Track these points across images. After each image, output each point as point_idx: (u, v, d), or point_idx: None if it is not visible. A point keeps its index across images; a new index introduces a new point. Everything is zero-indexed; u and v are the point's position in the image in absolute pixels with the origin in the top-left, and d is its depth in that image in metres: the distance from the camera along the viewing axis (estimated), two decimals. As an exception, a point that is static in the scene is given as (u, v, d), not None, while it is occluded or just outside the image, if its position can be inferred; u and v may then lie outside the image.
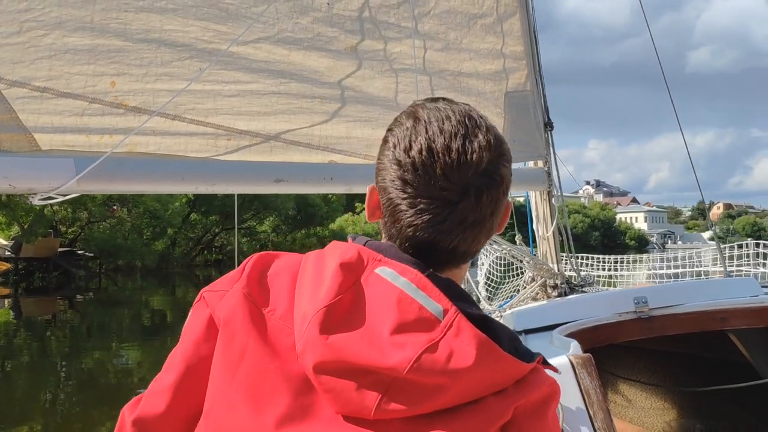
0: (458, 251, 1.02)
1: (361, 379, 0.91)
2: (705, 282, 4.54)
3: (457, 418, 0.91)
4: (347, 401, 0.91)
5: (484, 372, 0.91)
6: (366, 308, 0.94)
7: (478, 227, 1.00)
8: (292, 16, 2.65)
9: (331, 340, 0.91)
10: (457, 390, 0.90)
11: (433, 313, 0.93)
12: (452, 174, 0.96)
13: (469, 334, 0.91)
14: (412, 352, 0.89)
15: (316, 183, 2.81)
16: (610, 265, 5.83)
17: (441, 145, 0.97)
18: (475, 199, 0.97)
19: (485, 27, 3.30)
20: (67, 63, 2.30)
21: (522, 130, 3.61)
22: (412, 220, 0.99)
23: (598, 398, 1.93)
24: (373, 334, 0.92)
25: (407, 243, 1.01)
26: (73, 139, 2.29)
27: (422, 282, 0.95)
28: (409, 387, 0.90)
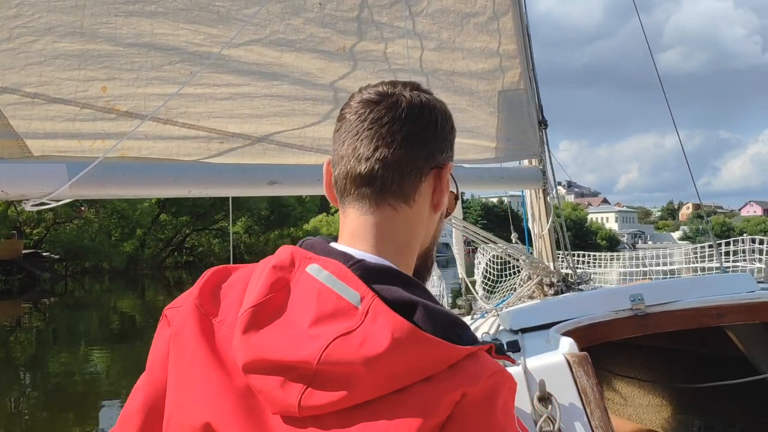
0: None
1: (284, 376, 0.90)
2: (701, 278, 4.55)
3: (386, 407, 0.87)
4: (275, 400, 0.91)
5: (403, 357, 0.87)
6: (291, 305, 0.94)
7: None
8: (284, 17, 2.64)
9: (252, 339, 0.92)
10: (375, 378, 0.87)
11: (350, 301, 0.92)
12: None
13: (385, 319, 0.89)
14: (324, 342, 0.88)
15: (311, 185, 2.80)
16: (606, 262, 5.84)
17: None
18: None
19: (478, 26, 3.29)
20: (58, 68, 2.29)
21: (516, 129, 3.60)
22: None
23: (595, 396, 1.93)
24: (293, 330, 0.92)
25: None
26: (65, 145, 2.29)
27: (342, 272, 0.94)
28: (327, 379, 0.88)
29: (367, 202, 1.02)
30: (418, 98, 1.04)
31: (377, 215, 1.02)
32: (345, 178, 1.03)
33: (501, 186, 3.95)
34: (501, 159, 3.61)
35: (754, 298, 2.78)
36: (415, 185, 1.03)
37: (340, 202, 1.06)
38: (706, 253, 5.42)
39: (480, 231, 3.80)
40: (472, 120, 3.37)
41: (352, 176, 1.02)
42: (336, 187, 1.06)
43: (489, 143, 3.48)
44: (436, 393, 0.87)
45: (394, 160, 1.01)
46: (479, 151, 3.46)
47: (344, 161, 1.03)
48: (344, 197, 1.04)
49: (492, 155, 3.53)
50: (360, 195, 1.02)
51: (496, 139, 3.50)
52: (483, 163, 3.53)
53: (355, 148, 1.02)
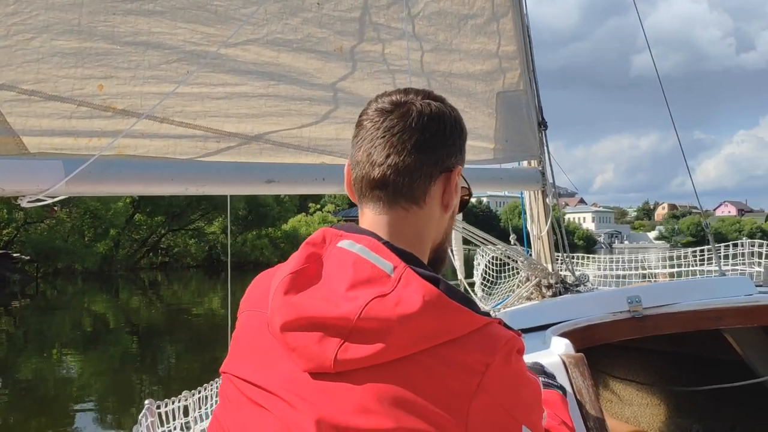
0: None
1: (321, 332, 1.00)
2: (699, 281, 4.54)
3: (415, 364, 0.97)
4: (310, 356, 1.00)
5: (432, 317, 0.98)
6: (326, 273, 1.06)
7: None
8: (281, 17, 2.64)
9: (293, 299, 1.03)
10: (407, 334, 0.97)
11: (384, 270, 1.03)
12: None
13: (417, 285, 1.00)
14: (363, 301, 0.99)
15: (309, 183, 2.81)
16: (605, 264, 5.84)
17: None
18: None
19: (476, 27, 3.30)
20: (55, 66, 2.29)
21: (515, 130, 3.60)
22: None
23: (591, 397, 1.93)
24: (330, 292, 1.02)
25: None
26: (62, 142, 2.29)
27: (375, 245, 1.07)
28: (363, 334, 0.98)
29: (381, 204, 1.14)
30: (428, 107, 1.15)
31: (390, 215, 1.14)
32: (361, 181, 1.15)
33: (500, 187, 3.95)
34: (500, 160, 3.61)
35: (752, 302, 2.77)
36: (425, 188, 1.14)
37: (359, 201, 1.18)
38: (705, 256, 5.41)
39: (479, 232, 3.79)
40: (471, 121, 3.37)
41: (368, 180, 1.14)
42: (354, 188, 1.18)
43: (487, 144, 3.48)
44: (460, 354, 0.98)
45: (405, 166, 1.12)
46: (478, 152, 3.46)
47: (360, 166, 1.15)
48: (361, 198, 1.16)
49: (491, 156, 3.53)
50: (374, 197, 1.14)
51: (495, 140, 3.50)
52: (482, 164, 3.53)
53: (370, 154, 1.13)
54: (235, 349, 1.15)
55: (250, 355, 1.10)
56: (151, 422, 2.29)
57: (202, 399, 2.49)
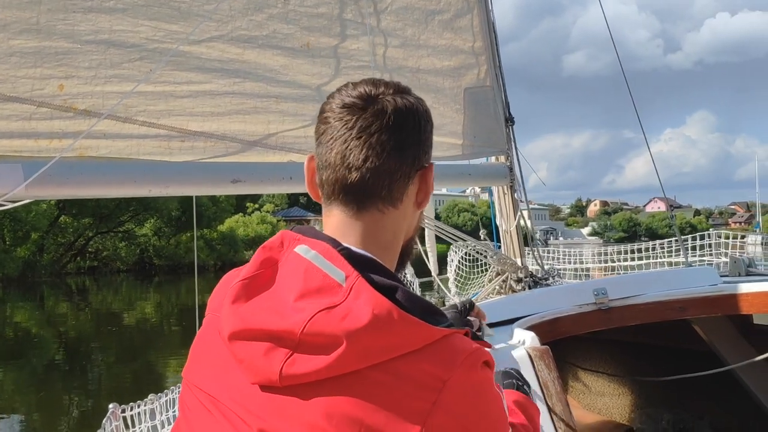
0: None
1: (268, 344, 0.95)
2: (664, 272, 4.62)
3: (365, 379, 0.92)
4: (257, 369, 0.96)
5: (381, 332, 0.92)
6: (279, 281, 1.01)
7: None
8: (246, 13, 2.60)
9: (241, 308, 0.98)
10: (355, 349, 0.92)
11: (336, 279, 0.98)
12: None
13: (368, 295, 0.95)
14: (308, 314, 0.94)
15: (276, 182, 2.77)
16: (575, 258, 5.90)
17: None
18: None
19: (442, 23, 3.29)
20: (13, 66, 2.23)
21: (482, 126, 3.61)
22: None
23: (557, 390, 1.94)
24: (279, 302, 0.98)
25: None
26: (21, 144, 2.23)
27: (329, 252, 1.01)
28: (309, 350, 0.93)
29: (354, 207, 1.07)
30: (402, 103, 1.08)
31: (365, 218, 1.07)
32: (333, 184, 1.07)
33: (468, 183, 3.97)
34: (468, 156, 3.61)
35: (716, 291, 2.81)
36: (403, 189, 1.08)
37: (326, 202, 1.10)
38: (673, 248, 5.50)
39: (450, 228, 3.80)
40: (439, 117, 3.37)
41: (343, 184, 1.06)
42: (322, 189, 1.10)
43: (455, 140, 3.48)
44: (413, 369, 0.92)
45: (385, 169, 1.05)
46: (446, 149, 3.46)
47: (332, 168, 1.07)
48: (331, 200, 1.09)
49: (459, 152, 3.53)
50: (348, 200, 1.07)
51: (463, 136, 3.50)
52: (450, 159, 3.54)
53: (345, 156, 1.05)
54: (193, 354, 1.11)
55: (206, 362, 1.07)
56: (115, 426, 2.25)
57: (169, 402, 2.45)
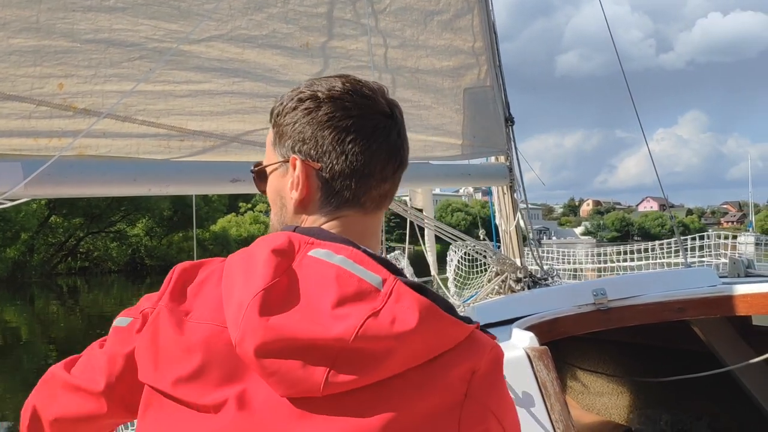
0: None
1: (307, 355, 0.91)
2: (663, 273, 4.62)
3: (404, 381, 0.92)
4: (294, 381, 0.91)
5: (428, 333, 0.93)
6: (304, 288, 0.95)
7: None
8: (246, 12, 2.60)
9: (272, 321, 0.92)
10: (403, 353, 0.92)
11: (372, 284, 0.95)
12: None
13: (410, 298, 0.94)
14: (357, 320, 0.91)
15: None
16: (575, 258, 5.89)
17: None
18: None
19: (441, 24, 3.29)
20: (13, 65, 2.23)
21: (482, 126, 3.61)
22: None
23: (555, 390, 1.94)
24: (314, 311, 0.93)
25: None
26: (21, 143, 2.23)
27: (359, 257, 0.98)
28: (356, 356, 0.91)
29: (370, 210, 1.09)
30: (401, 110, 1.12)
31: (375, 219, 1.11)
32: (361, 190, 1.07)
33: (468, 183, 3.97)
34: (467, 156, 3.61)
35: (715, 292, 2.81)
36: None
37: (334, 203, 1.08)
38: (673, 248, 5.49)
39: (449, 228, 3.81)
40: (438, 117, 3.37)
41: (373, 195, 1.08)
42: (334, 191, 1.08)
43: (455, 140, 3.48)
44: (449, 366, 0.94)
45: (401, 177, 1.12)
46: (445, 149, 3.47)
47: (360, 176, 1.06)
48: (343, 204, 1.07)
49: (459, 152, 3.54)
50: (366, 204, 1.08)
51: (463, 136, 3.50)
52: (450, 159, 3.54)
53: (372, 164, 1.06)
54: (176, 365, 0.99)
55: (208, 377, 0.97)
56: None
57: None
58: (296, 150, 1.08)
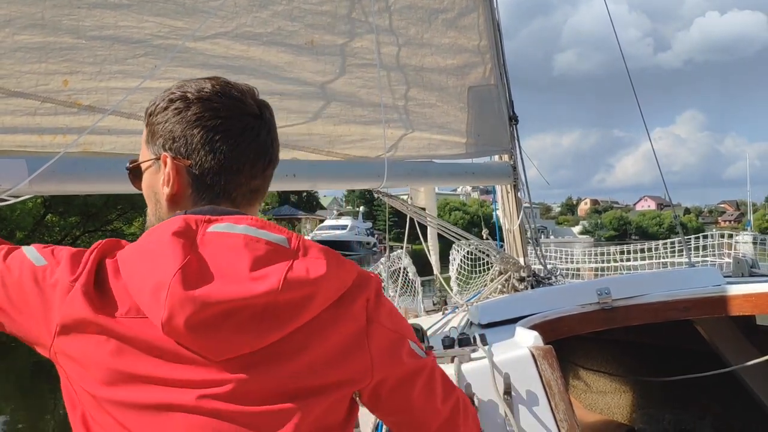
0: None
1: (236, 317, 1.00)
2: (668, 272, 4.61)
3: (322, 321, 1.07)
4: (228, 344, 1.01)
5: (335, 276, 1.09)
6: (217, 261, 1.04)
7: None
8: (251, 9, 2.60)
9: (198, 292, 0.99)
10: (320, 296, 1.06)
11: (279, 243, 1.08)
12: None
13: (315, 250, 1.10)
14: (277, 276, 1.03)
15: (279, 180, 2.77)
16: (578, 257, 5.87)
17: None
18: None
19: (446, 22, 3.29)
20: (18, 61, 2.23)
21: (486, 125, 3.61)
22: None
23: (559, 389, 1.94)
24: (234, 277, 1.02)
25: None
26: (25, 140, 2.23)
27: (260, 222, 1.10)
28: (282, 307, 1.03)
29: (242, 204, 1.19)
30: (271, 111, 1.25)
31: (248, 213, 1.19)
32: (231, 186, 1.17)
33: (472, 181, 3.96)
34: (471, 154, 3.61)
35: (719, 292, 2.81)
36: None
37: (206, 198, 1.16)
38: (676, 248, 5.48)
39: (452, 227, 3.80)
40: (443, 116, 3.37)
41: (243, 191, 1.18)
42: (205, 186, 1.16)
43: (459, 139, 3.48)
44: (351, 301, 1.12)
45: (272, 174, 1.25)
46: (450, 147, 3.46)
47: (230, 173, 1.16)
48: (215, 198, 1.16)
49: (462, 151, 3.53)
50: (236, 199, 1.18)
51: (467, 134, 3.50)
52: (454, 158, 3.53)
53: (243, 162, 1.17)
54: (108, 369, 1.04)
55: (137, 371, 1.03)
56: None
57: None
58: (167, 148, 1.16)
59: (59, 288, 1.07)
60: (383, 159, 2.95)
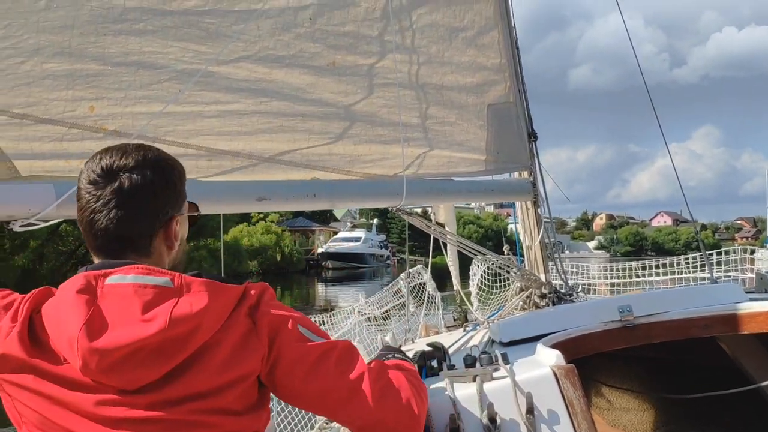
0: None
1: (137, 355, 1.22)
2: (689, 289, 4.57)
3: (217, 339, 1.29)
4: (133, 377, 1.23)
5: (218, 302, 1.29)
6: (114, 309, 1.26)
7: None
8: (274, 33, 2.63)
9: (100, 341, 1.22)
10: (207, 324, 1.27)
11: (164, 285, 1.28)
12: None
13: (196, 284, 1.30)
14: (164, 316, 1.24)
15: (300, 200, 2.81)
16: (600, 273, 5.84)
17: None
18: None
19: (466, 40, 3.31)
20: (46, 89, 2.27)
21: (506, 142, 3.62)
22: None
23: (582, 408, 1.93)
24: (129, 322, 1.24)
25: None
26: (53, 165, 2.27)
27: (144, 269, 1.31)
28: (173, 340, 1.24)
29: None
30: (136, 180, 1.44)
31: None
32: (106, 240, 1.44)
33: (491, 198, 3.96)
34: (491, 171, 3.62)
35: (742, 309, 2.78)
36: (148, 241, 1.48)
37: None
38: (698, 263, 5.44)
39: (472, 244, 3.80)
40: (463, 133, 3.38)
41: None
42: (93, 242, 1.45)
43: (479, 156, 3.49)
44: (237, 314, 1.33)
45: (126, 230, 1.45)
46: (469, 164, 3.47)
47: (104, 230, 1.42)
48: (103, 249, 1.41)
49: (482, 168, 3.54)
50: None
51: (486, 152, 3.51)
52: (473, 176, 3.54)
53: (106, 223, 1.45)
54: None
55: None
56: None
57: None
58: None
59: (3, 333, 1.32)
60: (402, 177, 2.96)
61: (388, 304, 4.62)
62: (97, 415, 1.24)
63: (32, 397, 1.29)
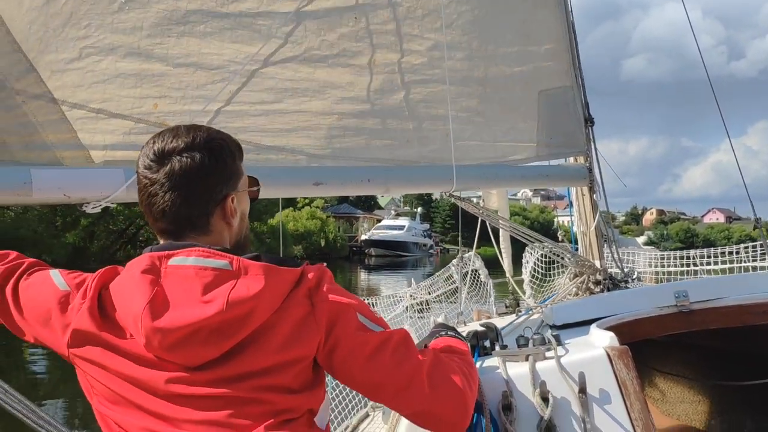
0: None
1: (198, 335, 1.30)
2: (747, 276, 4.41)
3: (276, 317, 1.36)
4: (195, 355, 1.31)
5: (274, 285, 1.35)
6: (176, 290, 1.34)
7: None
8: (319, 33, 2.81)
9: (163, 320, 1.30)
10: (263, 306, 1.33)
11: (223, 268, 1.35)
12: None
13: (254, 267, 1.36)
14: (223, 298, 1.31)
15: (356, 184, 3.00)
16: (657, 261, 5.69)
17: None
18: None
19: (513, 29, 3.36)
20: (118, 87, 2.56)
21: (559, 127, 3.64)
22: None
23: (635, 389, 1.97)
24: (190, 303, 1.31)
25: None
26: (122, 155, 2.56)
27: (205, 252, 1.37)
28: (232, 321, 1.31)
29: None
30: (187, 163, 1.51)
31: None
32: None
33: (546, 184, 4.01)
34: (543, 157, 3.66)
35: None
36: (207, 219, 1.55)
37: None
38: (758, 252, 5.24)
39: (526, 230, 3.86)
40: (511, 121, 3.45)
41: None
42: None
43: (529, 143, 3.55)
44: (295, 295, 1.38)
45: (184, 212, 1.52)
46: (521, 151, 3.53)
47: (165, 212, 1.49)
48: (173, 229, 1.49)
49: (534, 154, 3.59)
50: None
51: (537, 137, 3.55)
52: (525, 162, 3.60)
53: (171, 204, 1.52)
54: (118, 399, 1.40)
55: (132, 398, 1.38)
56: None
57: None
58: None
59: (75, 309, 1.42)
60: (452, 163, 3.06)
61: (439, 290, 4.73)
62: (163, 391, 1.32)
63: (101, 372, 1.37)
